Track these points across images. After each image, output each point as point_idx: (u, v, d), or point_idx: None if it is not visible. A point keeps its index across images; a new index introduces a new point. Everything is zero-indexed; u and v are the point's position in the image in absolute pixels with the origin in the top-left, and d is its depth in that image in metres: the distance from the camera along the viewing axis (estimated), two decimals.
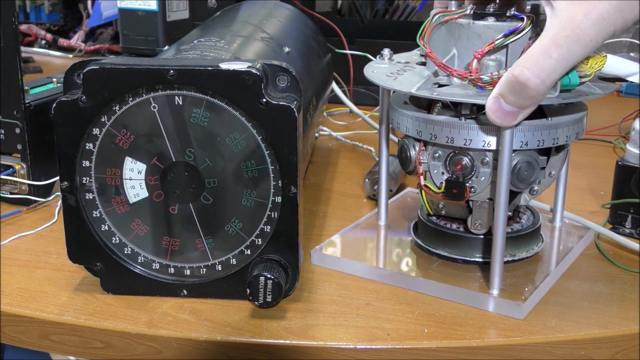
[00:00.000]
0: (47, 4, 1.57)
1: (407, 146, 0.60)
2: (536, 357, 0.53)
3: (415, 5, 1.41)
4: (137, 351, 0.54)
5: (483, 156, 0.56)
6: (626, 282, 0.61)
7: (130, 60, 0.54)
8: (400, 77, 0.58)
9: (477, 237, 0.60)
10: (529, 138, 0.54)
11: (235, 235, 0.56)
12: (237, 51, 0.65)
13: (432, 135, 0.56)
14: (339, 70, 1.04)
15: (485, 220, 0.59)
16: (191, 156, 0.55)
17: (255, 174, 0.54)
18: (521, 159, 0.56)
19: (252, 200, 0.55)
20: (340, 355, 0.52)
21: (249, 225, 0.56)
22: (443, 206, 0.62)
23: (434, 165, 0.58)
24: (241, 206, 0.55)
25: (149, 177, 0.55)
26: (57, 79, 0.81)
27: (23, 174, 0.73)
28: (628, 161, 0.68)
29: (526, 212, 0.64)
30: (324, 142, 0.98)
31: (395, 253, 0.64)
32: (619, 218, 0.68)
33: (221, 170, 0.55)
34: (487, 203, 0.58)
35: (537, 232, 0.63)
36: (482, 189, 0.57)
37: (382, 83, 0.57)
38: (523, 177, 0.56)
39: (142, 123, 0.54)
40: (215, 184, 0.55)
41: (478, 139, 0.54)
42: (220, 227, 0.56)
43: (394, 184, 0.77)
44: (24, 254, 0.65)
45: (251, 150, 0.54)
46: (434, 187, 0.58)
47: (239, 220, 0.56)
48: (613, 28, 0.47)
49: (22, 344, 0.57)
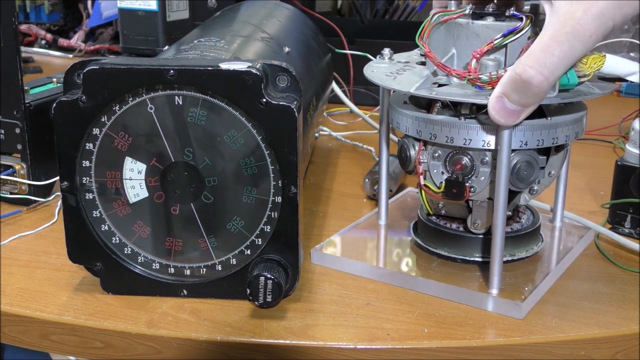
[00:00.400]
0: (47, 4, 1.57)
1: (406, 146, 0.60)
2: (536, 357, 0.53)
3: (415, 5, 1.41)
4: (137, 351, 0.54)
5: (483, 156, 0.56)
6: (626, 282, 0.61)
7: (130, 60, 0.54)
8: (400, 76, 0.58)
9: (476, 236, 0.60)
10: (529, 138, 0.54)
11: (237, 233, 0.56)
12: (237, 51, 0.65)
13: (431, 135, 0.56)
14: (339, 70, 1.04)
15: (484, 219, 0.59)
16: (191, 156, 0.55)
17: (255, 172, 0.54)
18: (521, 158, 0.56)
19: (252, 199, 0.55)
20: (340, 355, 0.52)
21: (250, 224, 0.56)
22: (443, 206, 0.62)
23: (433, 164, 0.58)
24: (241, 206, 0.55)
25: (149, 177, 0.55)
26: (57, 79, 0.81)
27: (23, 174, 0.73)
28: (627, 161, 0.68)
29: (526, 211, 0.64)
30: (324, 142, 0.98)
31: (395, 253, 0.64)
32: (619, 218, 0.68)
33: (221, 170, 0.55)
34: (486, 203, 0.58)
35: (536, 231, 0.63)
36: (481, 188, 0.57)
37: (382, 83, 0.57)
38: (523, 176, 0.56)
39: (142, 123, 0.54)
40: (215, 184, 0.55)
41: (478, 139, 0.54)
42: (221, 226, 0.56)
43: (394, 184, 0.77)
44: (24, 254, 0.65)
45: (251, 150, 0.54)
46: (434, 187, 0.58)
47: (240, 218, 0.56)
48: (612, 23, 0.47)
49: (22, 344, 0.57)
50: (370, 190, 0.77)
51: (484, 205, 0.58)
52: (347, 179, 0.84)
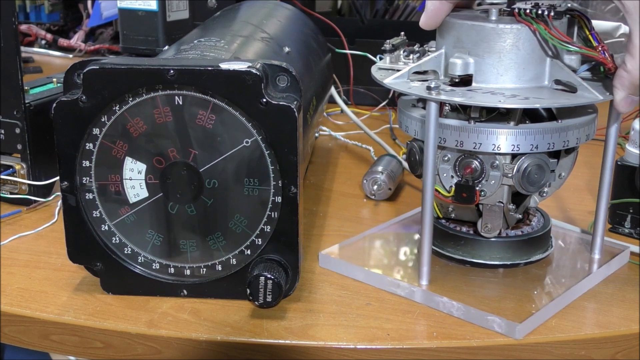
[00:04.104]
0: (47, 4, 1.56)
1: (415, 149, 0.59)
2: (536, 357, 0.53)
3: (415, 5, 1.41)
4: (137, 351, 0.54)
5: (493, 159, 0.56)
6: (626, 282, 0.60)
7: (130, 60, 0.54)
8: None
9: (487, 239, 0.59)
10: (539, 141, 0.54)
11: (237, 234, 0.56)
12: (237, 51, 0.65)
13: (441, 139, 0.55)
14: (338, 70, 1.04)
15: (495, 223, 0.58)
16: (191, 156, 0.55)
17: (255, 173, 0.54)
18: (532, 162, 0.55)
19: (252, 200, 0.55)
20: (340, 355, 0.52)
21: (250, 224, 0.56)
22: (452, 209, 0.61)
23: (443, 168, 0.58)
24: (241, 206, 0.55)
25: (149, 177, 0.55)
26: (57, 79, 0.81)
27: (23, 174, 0.73)
28: (627, 161, 0.68)
29: (536, 214, 0.63)
30: (324, 142, 0.98)
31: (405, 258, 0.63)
32: (618, 218, 0.68)
33: (221, 170, 0.55)
34: (497, 206, 0.57)
35: (547, 235, 0.62)
36: (492, 192, 0.56)
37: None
38: (533, 180, 0.56)
39: (142, 123, 0.54)
40: (215, 184, 0.55)
41: (488, 143, 0.54)
42: (220, 226, 0.56)
43: (392, 183, 0.77)
44: (24, 254, 0.65)
45: (251, 150, 0.54)
46: (444, 191, 0.58)
47: (240, 218, 0.55)
48: None
49: (22, 344, 0.57)
50: (370, 190, 0.77)
51: (495, 209, 0.57)
52: (347, 179, 0.84)
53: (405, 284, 0.58)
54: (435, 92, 0.53)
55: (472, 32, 0.55)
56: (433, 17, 0.56)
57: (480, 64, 0.55)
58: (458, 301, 0.55)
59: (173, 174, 0.55)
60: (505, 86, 0.55)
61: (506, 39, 0.54)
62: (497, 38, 0.54)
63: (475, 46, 0.55)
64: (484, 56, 0.54)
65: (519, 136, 0.54)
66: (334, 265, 0.62)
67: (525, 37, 0.54)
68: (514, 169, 0.55)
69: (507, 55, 0.54)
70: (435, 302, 0.56)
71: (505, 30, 0.54)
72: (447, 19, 0.56)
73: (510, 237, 0.60)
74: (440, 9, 0.56)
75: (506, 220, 0.58)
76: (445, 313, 0.56)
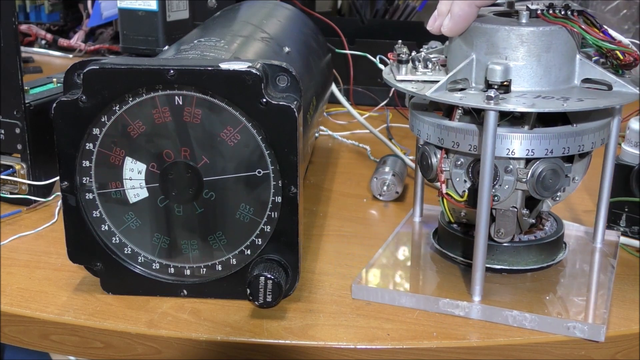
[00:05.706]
0: (47, 4, 1.56)
1: (427, 153, 0.58)
2: (536, 357, 0.53)
3: (415, 5, 1.41)
4: (137, 351, 0.54)
5: (507, 164, 0.55)
6: (626, 282, 0.61)
7: (130, 60, 0.54)
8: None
9: (499, 244, 0.58)
10: (554, 145, 0.53)
11: (237, 233, 0.56)
12: (237, 51, 0.65)
13: (454, 143, 0.55)
14: (339, 71, 1.04)
15: (508, 228, 0.57)
16: (191, 156, 0.55)
17: (254, 172, 0.54)
18: (546, 166, 0.54)
19: (252, 199, 0.55)
20: (340, 355, 0.52)
21: (250, 224, 0.56)
22: (465, 214, 0.60)
23: (456, 173, 0.57)
24: (241, 206, 0.55)
25: (149, 177, 0.55)
26: (57, 79, 0.81)
27: (23, 174, 0.73)
28: (623, 160, 0.68)
29: (549, 218, 0.63)
30: (324, 142, 0.98)
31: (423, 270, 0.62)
32: (614, 216, 0.68)
33: (221, 169, 0.55)
34: (510, 211, 0.56)
35: (560, 239, 0.61)
36: (505, 197, 0.55)
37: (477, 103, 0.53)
38: (548, 185, 0.55)
39: (142, 123, 0.54)
40: (215, 184, 0.55)
41: (502, 147, 0.53)
42: (220, 226, 0.56)
43: (401, 185, 0.77)
44: (24, 254, 0.65)
45: (251, 150, 0.54)
46: (456, 196, 0.57)
47: (240, 218, 0.56)
48: None
49: (22, 344, 0.57)
50: (379, 190, 0.77)
51: (508, 214, 0.56)
52: (347, 179, 0.84)
53: (464, 303, 0.55)
54: (494, 101, 0.51)
55: (510, 36, 0.54)
56: (461, 22, 0.54)
57: (520, 69, 0.54)
58: (529, 312, 0.54)
59: (173, 174, 0.55)
60: (542, 89, 0.54)
61: (545, 41, 0.53)
62: (537, 41, 0.53)
63: (514, 51, 0.54)
64: (523, 60, 0.54)
65: (534, 140, 0.53)
66: (373, 295, 0.58)
67: (560, 38, 0.54)
68: (528, 174, 0.54)
69: (545, 56, 0.54)
70: (504, 316, 0.54)
71: (545, 32, 0.53)
72: (474, 24, 0.55)
73: (538, 239, 0.59)
74: (469, 14, 0.54)
75: (519, 225, 0.58)
76: (516, 327, 0.54)
